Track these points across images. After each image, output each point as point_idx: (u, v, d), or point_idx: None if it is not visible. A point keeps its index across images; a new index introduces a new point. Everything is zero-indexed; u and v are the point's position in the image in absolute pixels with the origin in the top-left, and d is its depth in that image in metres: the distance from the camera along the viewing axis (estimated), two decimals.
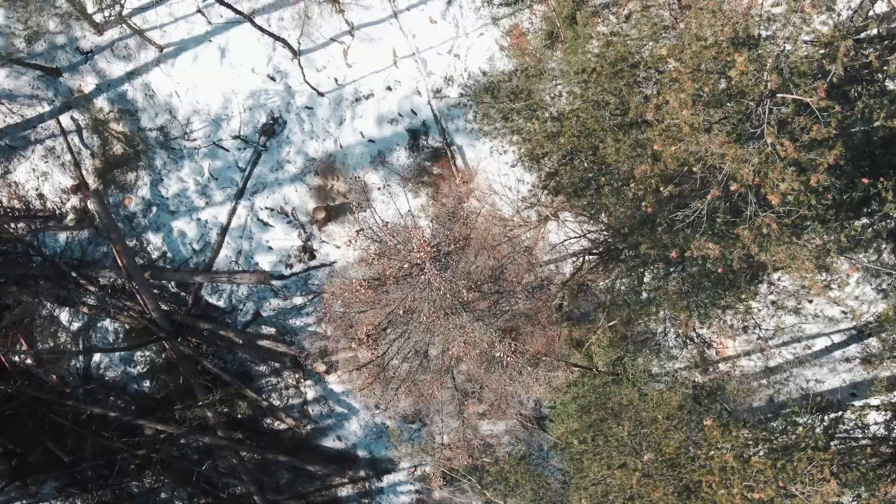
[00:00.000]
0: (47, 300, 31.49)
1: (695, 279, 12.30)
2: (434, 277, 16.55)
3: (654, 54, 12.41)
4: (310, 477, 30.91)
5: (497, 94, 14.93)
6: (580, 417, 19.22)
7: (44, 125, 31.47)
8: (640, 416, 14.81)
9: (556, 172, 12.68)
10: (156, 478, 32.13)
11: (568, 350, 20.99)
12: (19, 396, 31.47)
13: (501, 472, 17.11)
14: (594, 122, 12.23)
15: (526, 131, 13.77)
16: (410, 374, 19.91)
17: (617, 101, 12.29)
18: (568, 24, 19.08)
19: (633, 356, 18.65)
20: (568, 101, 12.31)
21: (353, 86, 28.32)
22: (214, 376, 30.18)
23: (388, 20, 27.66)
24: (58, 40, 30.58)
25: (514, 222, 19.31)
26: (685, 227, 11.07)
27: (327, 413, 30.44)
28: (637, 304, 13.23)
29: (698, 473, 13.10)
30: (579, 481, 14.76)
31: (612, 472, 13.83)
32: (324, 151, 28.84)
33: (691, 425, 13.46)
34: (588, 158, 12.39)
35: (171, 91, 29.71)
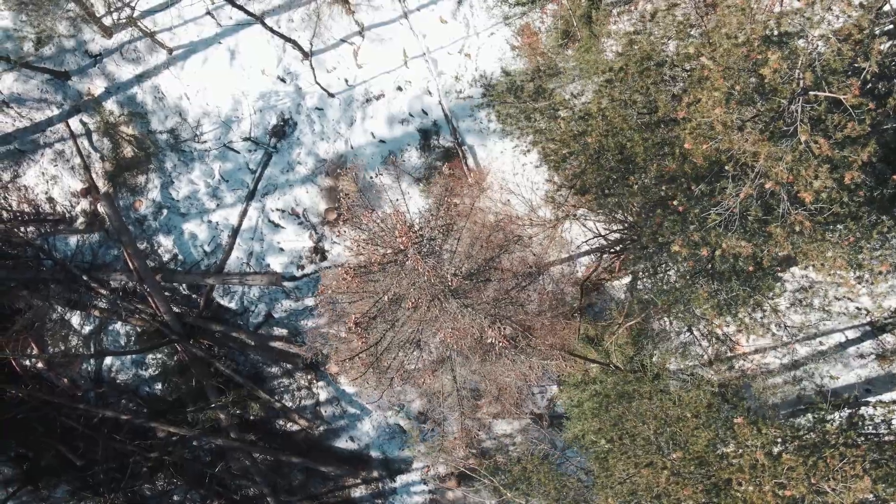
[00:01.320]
0: (58, 304, 31.47)
1: (724, 277, 12.31)
2: (418, 263, 16.45)
3: (680, 52, 12.41)
4: (323, 478, 30.90)
5: (520, 94, 14.92)
6: (599, 416, 19.23)
7: (53, 129, 31.44)
8: (664, 414, 14.81)
9: (583, 171, 12.69)
10: (168, 480, 32.11)
11: (584, 347, 20.99)
12: (30, 400, 31.49)
13: (524, 472, 17.08)
14: (621, 120, 12.24)
15: (549, 131, 13.77)
16: (403, 363, 19.79)
17: (644, 100, 12.29)
18: (584, 24, 19.10)
19: (652, 354, 18.65)
20: (594, 100, 12.28)
21: (363, 86, 28.30)
22: (227, 378, 30.17)
23: (398, 20, 27.64)
24: (66, 44, 30.55)
25: (531, 221, 19.30)
26: (717, 225, 11.09)
27: (340, 414, 30.43)
28: (666, 303, 13.25)
29: (727, 472, 13.11)
30: (605, 480, 14.76)
31: (639, 470, 13.82)
32: (334, 152, 28.83)
33: (719, 423, 13.47)
34: (615, 157, 12.39)
35: (180, 93, 29.69)
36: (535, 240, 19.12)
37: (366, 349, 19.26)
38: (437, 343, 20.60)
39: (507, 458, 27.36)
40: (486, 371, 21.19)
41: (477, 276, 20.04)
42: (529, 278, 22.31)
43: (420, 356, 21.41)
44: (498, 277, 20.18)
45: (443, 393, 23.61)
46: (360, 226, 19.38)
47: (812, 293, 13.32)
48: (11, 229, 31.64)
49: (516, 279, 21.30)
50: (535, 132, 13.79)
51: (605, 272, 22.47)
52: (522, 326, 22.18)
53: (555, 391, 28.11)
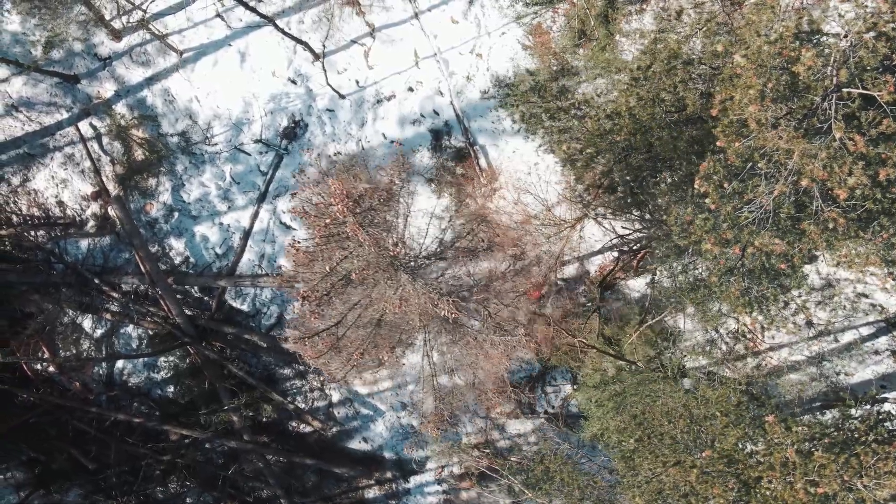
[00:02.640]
0: (69, 307, 31.45)
1: (755, 274, 12.32)
2: (357, 232, 15.87)
3: (707, 50, 12.42)
4: (336, 479, 30.90)
5: (543, 93, 14.94)
6: (621, 414, 19.23)
7: (62, 132, 31.40)
8: (689, 413, 14.81)
9: (610, 170, 12.70)
10: (181, 483, 32.10)
11: (601, 346, 20.99)
12: (42, 404, 31.49)
13: (546, 472, 17.08)
14: (649, 119, 12.24)
15: (573, 130, 13.78)
16: (364, 341, 19.21)
17: (672, 98, 12.30)
18: (600, 23, 19.11)
19: (672, 351, 18.65)
20: (621, 98, 12.28)
21: (374, 87, 28.30)
22: (240, 380, 30.16)
23: (409, 21, 27.64)
24: (75, 47, 30.52)
25: (550, 220, 19.31)
26: (750, 222, 11.10)
27: (353, 415, 30.43)
28: (695, 301, 13.25)
29: (756, 470, 13.11)
30: (631, 479, 14.76)
31: (667, 469, 13.83)
32: (346, 153, 28.80)
33: (746, 421, 13.47)
34: (642, 156, 12.40)
35: (191, 96, 29.68)
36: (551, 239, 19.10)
37: (326, 329, 18.87)
38: (393, 320, 20.04)
39: (531, 459, 27.45)
40: (455, 352, 20.79)
41: (438, 255, 19.78)
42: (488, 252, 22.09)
43: (379, 332, 20.82)
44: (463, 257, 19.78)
45: (422, 376, 23.30)
46: (305, 198, 18.77)
47: (839, 290, 13.31)
48: (22, 233, 31.62)
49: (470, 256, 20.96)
50: (559, 131, 13.80)
51: (620, 271, 22.47)
52: (484, 305, 22.03)
53: (568, 391, 28.13)
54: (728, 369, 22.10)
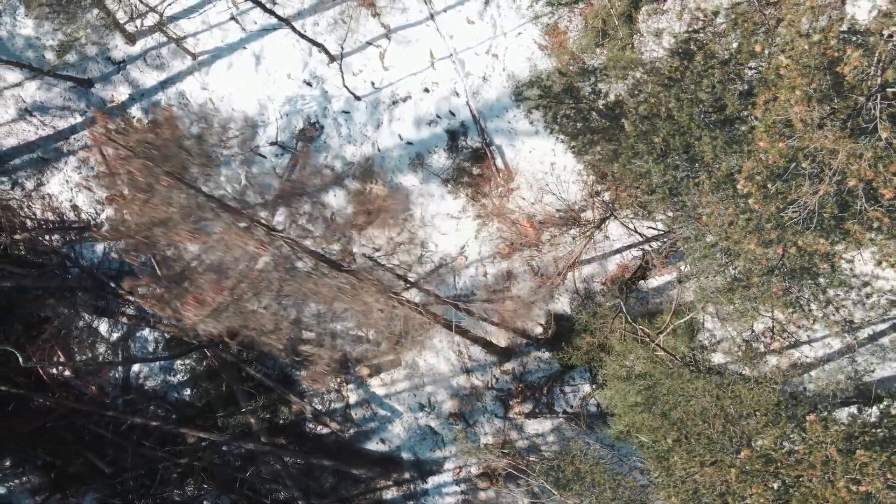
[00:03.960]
0: (85, 311, 31.44)
1: (795, 274, 12.36)
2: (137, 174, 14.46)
3: (743, 51, 12.44)
4: (354, 480, 30.89)
5: (577, 94, 14.98)
6: (650, 412, 19.23)
7: (76, 136, 31.42)
8: (725, 411, 14.83)
9: (648, 171, 12.73)
10: (198, 485, 32.08)
11: (629, 346, 21.01)
12: (58, 409, 31.45)
13: (577, 473, 17.09)
14: (688, 119, 12.26)
15: (607, 131, 13.81)
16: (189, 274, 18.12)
17: (710, 99, 12.32)
18: (623, 22, 19.12)
19: (703, 349, 18.68)
20: (660, 98, 12.30)
21: (389, 89, 28.32)
22: (257, 382, 30.14)
23: (424, 22, 27.66)
24: (89, 51, 30.54)
25: (575, 220, 19.33)
26: (795, 222, 11.13)
27: (370, 416, 30.43)
28: (732, 301, 13.29)
29: (795, 469, 13.13)
30: (666, 479, 14.78)
31: (704, 469, 13.85)
32: (362, 155, 28.83)
33: (784, 420, 13.49)
34: (681, 157, 12.43)
35: (205, 99, 29.68)
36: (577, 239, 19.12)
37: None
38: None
39: (561, 459, 27.44)
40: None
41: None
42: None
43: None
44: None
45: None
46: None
47: (878, 288, 13.35)
48: (36, 238, 31.61)
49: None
50: (593, 132, 13.82)
51: (641, 270, 22.51)
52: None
53: (587, 390, 28.14)
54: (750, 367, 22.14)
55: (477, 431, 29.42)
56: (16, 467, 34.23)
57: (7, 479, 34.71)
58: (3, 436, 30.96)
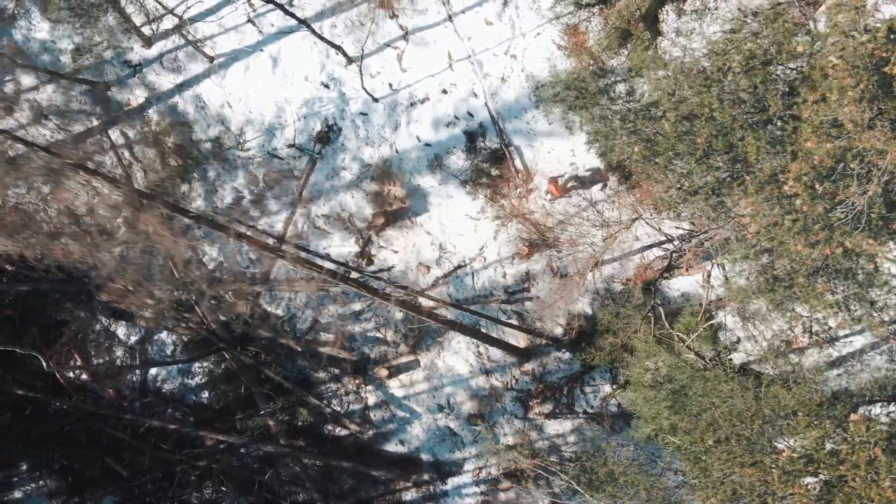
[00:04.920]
0: (103, 314, 31.44)
1: (840, 275, 12.39)
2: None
3: (784, 51, 12.44)
4: (373, 481, 30.91)
5: (612, 95, 15.00)
6: (674, 414, 19.23)
7: (92, 140, 31.35)
8: (761, 412, 14.84)
9: (690, 173, 12.76)
10: (216, 488, 32.11)
11: (652, 348, 21.01)
12: (75, 412, 31.46)
13: (611, 474, 17.09)
14: (731, 120, 12.28)
15: (644, 133, 13.84)
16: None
17: (752, 99, 12.33)
18: (650, 23, 19.13)
19: (731, 349, 18.68)
20: (703, 99, 12.30)
21: (407, 90, 28.32)
22: (276, 385, 30.17)
23: (442, 23, 27.65)
24: (105, 55, 30.54)
25: (603, 221, 19.36)
26: (843, 223, 11.15)
27: (389, 418, 30.44)
28: (773, 302, 13.32)
29: (837, 470, 13.14)
30: (703, 480, 14.78)
31: (743, 470, 13.86)
32: (380, 157, 28.83)
33: (828, 420, 13.52)
34: (723, 158, 12.45)
35: (222, 102, 29.70)
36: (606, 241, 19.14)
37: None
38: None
39: (593, 460, 27.42)
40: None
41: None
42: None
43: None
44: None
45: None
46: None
47: None
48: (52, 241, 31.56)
49: None
50: (629, 133, 13.87)
51: (663, 271, 22.53)
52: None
53: (607, 391, 28.15)
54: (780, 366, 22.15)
55: (497, 432, 29.43)
56: (32, 471, 34.27)
57: (23, 482, 34.75)
58: (20, 440, 31.01)
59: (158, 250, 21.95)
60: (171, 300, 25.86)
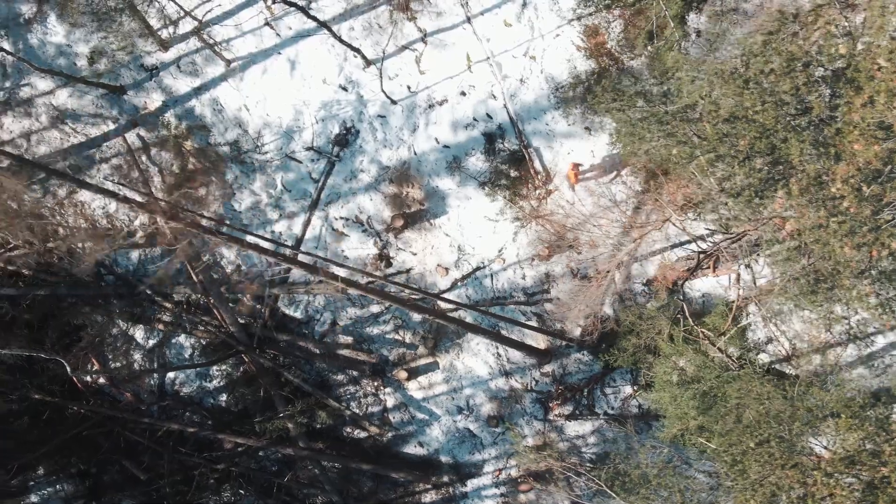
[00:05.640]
0: (121, 318, 31.44)
1: (884, 276, 12.38)
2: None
3: (824, 53, 12.44)
4: (393, 483, 30.89)
5: (649, 97, 15.02)
6: (702, 415, 19.22)
7: (108, 143, 31.41)
8: (800, 414, 14.83)
9: (732, 175, 12.75)
10: (234, 491, 32.09)
11: (679, 348, 21.00)
12: (93, 416, 31.44)
13: (645, 477, 17.08)
14: (774, 122, 12.27)
15: (681, 134, 13.84)
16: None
17: (794, 101, 12.32)
18: (679, 23, 19.13)
19: (756, 353, 18.67)
20: (730, 101, 12.30)
21: (426, 92, 28.32)
22: (295, 387, 30.15)
23: (461, 25, 27.66)
24: (121, 58, 30.51)
25: (634, 222, 19.34)
26: (890, 225, 11.14)
27: (408, 420, 30.43)
28: (816, 304, 13.31)
29: (879, 471, 13.13)
30: (742, 482, 14.77)
31: (785, 472, 13.85)
32: (398, 159, 28.82)
33: (871, 421, 13.51)
34: (765, 160, 12.43)
35: (240, 105, 29.68)
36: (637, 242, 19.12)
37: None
38: None
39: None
40: None
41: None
42: None
43: None
44: None
45: None
46: None
47: None
48: (70, 245, 31.57)
49: None
50: (667, 135, 13.86)
51: (688, 271, 22.52)
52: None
53: (628, 391, 28.14)
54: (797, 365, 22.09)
55: (511, 434, 29.41)
56: (49, 475, 34.23)
57: (40, 486, 34.71)
58: (38, 445, 30.99)
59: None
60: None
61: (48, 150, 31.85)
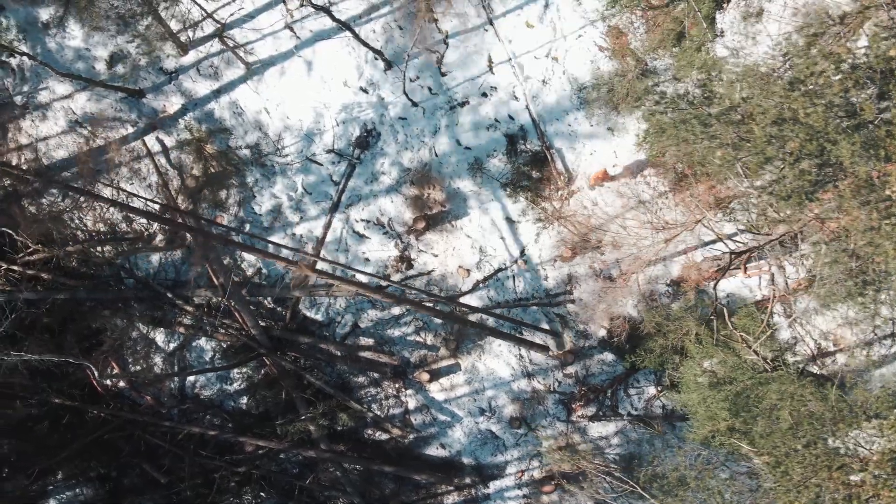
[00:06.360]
0: (141, 322, 31.42)
1: None
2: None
3: (874, 54, 12.40)
4: (414, 486, 30.87)
5: (693, 100, 15.00)
6: (733, 417, 19.18)
7: (128, 147, 31.36)
8: (840, 414, 14.81)
9: (782, 178, 12.72)
10: (255, 494, 32.08)
11: (710, 349, 20.98)
12: (113, 420, 31.45)
13: (683, 479, 17.05)
14: (824, 124, 12.24)
15: (724, 137, 13.82)
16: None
17: (843, 102, 12.30)
18: (709, 24, 19.09)
19: (792, 354, 18.64)
20: (795, 104, 12.26)
21: (447, 94, 28.28)
22: (317, 390, 30.14)
23: (482, 27, 27.63)
24: (141, 61, 30.48)
25: (666, 224, 19.32)
26: None
27: (430, 422, 30.41)
28: (864, 306, 13.31)
29: None
30: (785, 484, 14.75)
31: (831, 473, 13.83)
32: (419, 161, 28.79)
33: None
34: (815, 162, 12.41)
35: (260, 108, 29.65)
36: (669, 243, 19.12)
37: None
38: None
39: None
40: None
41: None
42: None
43: None
44: None
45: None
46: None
47: None
48: (88, 249, 31.59)
49: None
50: (710, 137, 13.83)
51: (718, 272, 22.50)
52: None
53: (652, 392, 28.11)
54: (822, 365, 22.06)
55: (539, 435, 29.41)
56: (68, 480, 34.22)
57: (59, 491, 34.69)
58: (59, 449, 31.01)
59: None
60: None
61: (67, 154, 31.82)
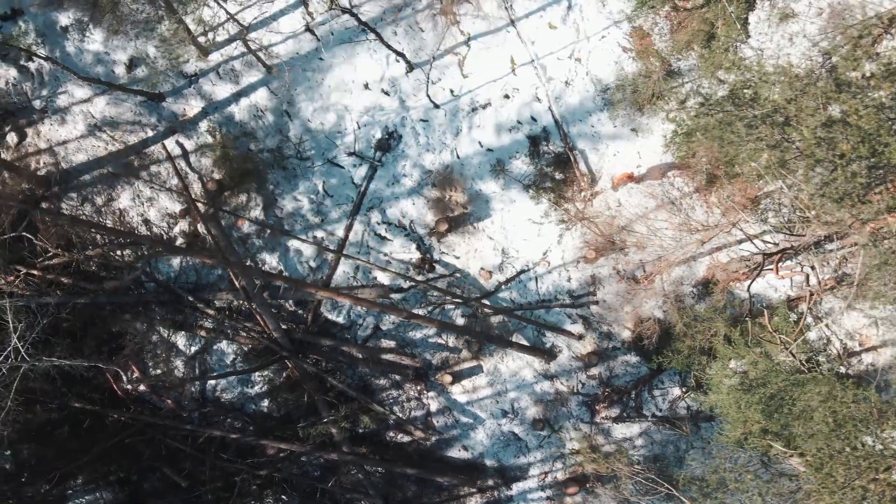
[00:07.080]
0: (162, 325, 31.38)
1: None
2: None
3: None
4: (437, 488, 30.84)
5: (738, 102, 14.97)
6: (766, 418, 19.15)
7: (147, 150, 31.33)
8: (885, 416, 14.78)
9: (833, 180, 12.69)
10: (277, 497, 32.05)
11: (741, 350, 20.95)
12: (134, 424, 31.44)
13: (722, 481, 17.02)
14: (876, 126, 12.22)
15: (770, 139, 13.78)
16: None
17: (893, 104, 12.28)
18: (742, 25, 19.06)
19: (829, 357, 18.62)
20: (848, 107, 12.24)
21: (469, 96, 28.26)
22: (339, 392, 30.10)
23: (504, 28, 27.60)
24: (160, 65, 30.44)
25: (700, 226, 19.30)
26: None
27: (452, 424, 30.38)
28: None
29: None
30: (830, 485, 14.72)
31: (880, 474, 13.80)
32: (441, 163, 28.76)
33: None
34: (867, 164, 12.39)
35: (280, 110, 29.61)
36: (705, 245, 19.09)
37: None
38: None
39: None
40: None
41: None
42: None
43: None
44: None
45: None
46: None
47: None
48: (108, 253, 31.54)
49: None
50: (756, 139, 13.79)
51: (751, 272, 22.48)
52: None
53: (676, 393, 28.09)
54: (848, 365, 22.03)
55: (563, 437, 29.39)
56: (87, 484, 34.19)
57: (78, 495, 34.67)
58: (79, 453, 30.98)
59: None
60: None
61: (86, 158, 31.78)
